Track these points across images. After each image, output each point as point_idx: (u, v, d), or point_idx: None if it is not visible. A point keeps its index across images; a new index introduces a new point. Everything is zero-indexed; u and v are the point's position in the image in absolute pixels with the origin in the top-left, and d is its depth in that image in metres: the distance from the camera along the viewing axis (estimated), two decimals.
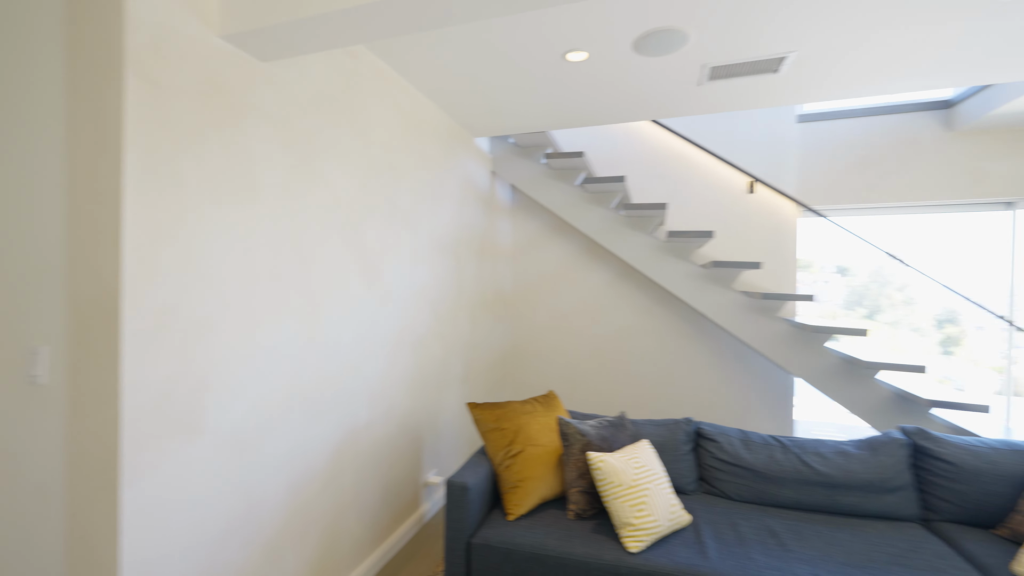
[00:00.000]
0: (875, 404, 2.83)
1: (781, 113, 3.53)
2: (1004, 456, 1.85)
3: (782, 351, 3.02)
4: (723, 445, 2.12)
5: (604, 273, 3.92)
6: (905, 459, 1.94)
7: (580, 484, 1.89)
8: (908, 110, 3.35)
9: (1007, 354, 3.27)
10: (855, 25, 1.90)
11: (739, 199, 3.63)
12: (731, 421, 3.65)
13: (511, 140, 3.61)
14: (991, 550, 1.66)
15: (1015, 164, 3.16)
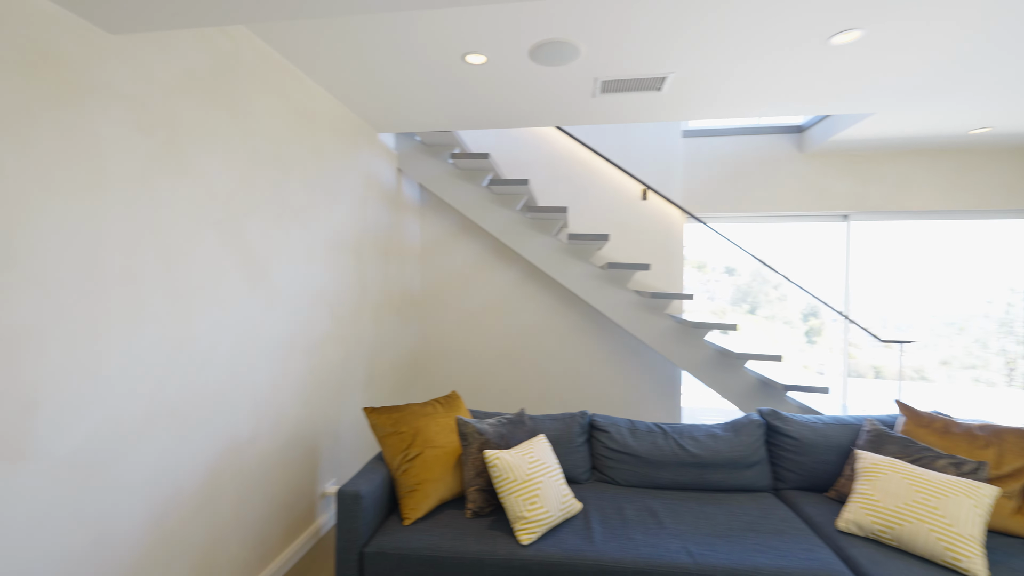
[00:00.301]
0: (744, 390, 3.21)
1: (669, 128, 3.86)
2: (834, 430, 2.20)
3: (669, 345, 3.30)
4: (613, 435, 2.28)
5: (511, 273, 4.00)
6: (761, 438, 2.22)
7: (478, 482, 1.91)
8: (771, 132, 3.83)
9: (844, 343, 3.87)
10: (722, 55, 2.13)
11: (634, 205, 3.91)
12: (628, 411, 3.92)
13: (417, 138, 3.55)
14: (823, 510, 1.96)
15: (849, 183, 3.75)
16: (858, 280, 4.04)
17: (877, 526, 1.71)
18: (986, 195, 3.62)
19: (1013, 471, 1.84)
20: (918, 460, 1.92)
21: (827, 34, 1.93)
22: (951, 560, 1.55)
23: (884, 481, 1.79)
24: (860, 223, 3.85)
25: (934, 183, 3.68)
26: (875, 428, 2.10)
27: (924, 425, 2.06)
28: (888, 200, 3.72)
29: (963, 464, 1.85)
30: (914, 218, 3.80)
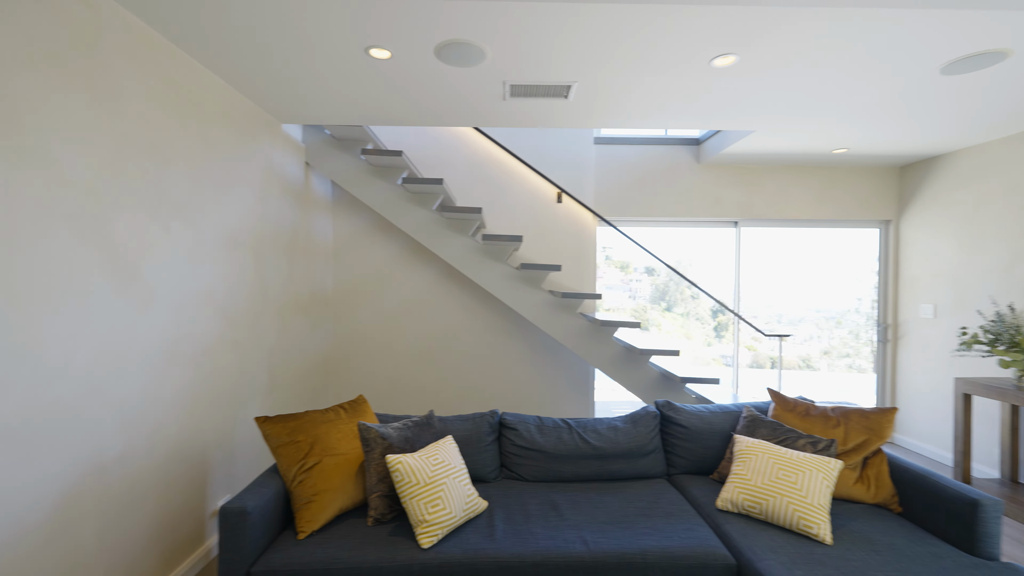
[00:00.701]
0: (648, 383, 3.42)
1: (582, 135, 4.02)
2: (718, 417, 2.42)
3: (580, 343, 3.44)
4: (522, 432, 2.33)
5: (429, 273, 3.95)
6: (656, 428, 2.39)
7: (380, 489, 1.86)
8: (672, 143, 4.13)
9: (736, 337, 4.27)
10: (620, 69, 2.25)
11: (549, 208, 4.02)
12: (545, 408, 4.03)
13: (327, 132, 3.39)
14: (706, 491, 2.15)
15: (738, 193, 4.14)
16: (751, 280, 4.48)
17: (748, 502, 1.91)
18: (847, 207, 4.18)
19: (856, 446, 2.14)
20: (783, 441, 2.17)
21: (708, 57, 2.12)
22: (804, 527, 1.77)
23: (755, 462, 2.00)
24: (748, 229, 4.27)
25: (805, 195, 4.17)
26: (751, 414, 2.34)
27: (790, 410, 2.33)
28: (769, 209, 4.16)
29: (818, 442, 2.11)
30: (791, 225, 4.28)
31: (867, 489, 2.05)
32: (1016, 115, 2.88)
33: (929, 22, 1.85)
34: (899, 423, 4.17)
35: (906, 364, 4.08)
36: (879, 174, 4.17)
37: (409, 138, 3.96)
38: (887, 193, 4.18)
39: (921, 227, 3.95)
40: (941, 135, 3.27)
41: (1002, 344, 2.91)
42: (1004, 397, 2.86)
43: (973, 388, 3.04)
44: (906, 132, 3.20)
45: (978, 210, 3.46)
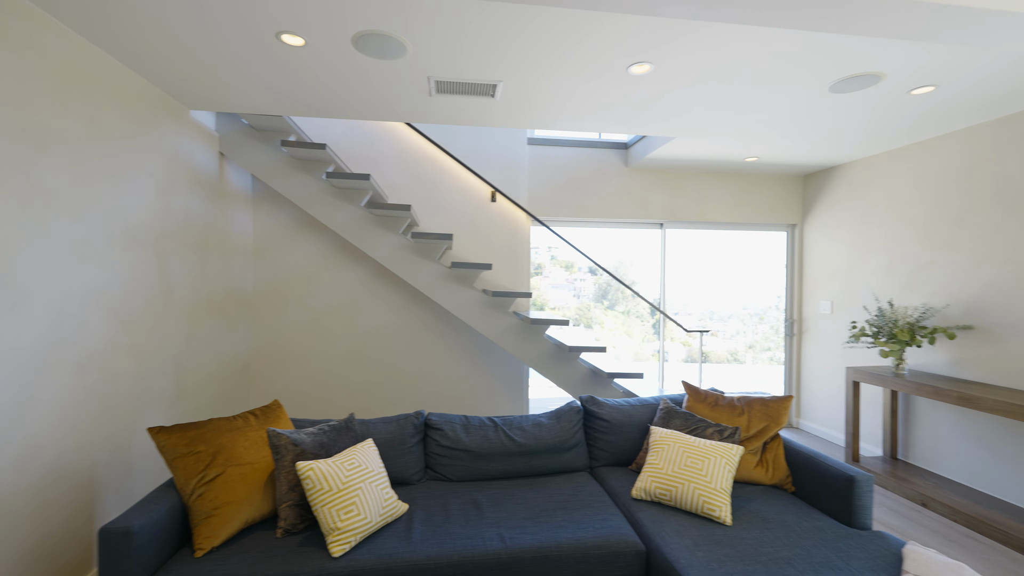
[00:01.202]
0: (578, 380, 3.51)
1: (515, 134, 4.05)
2: (638, 410, 2.52)
3: (513, 342, 3.47)
4: (447, 432, 2.30)
5: (359, 271, 3.82)
6: (579, 422, 2.45)
7: (291, 498, 1.77)
8: (603, 147, 4.26)
9: (661, 333, 4.49)
10: (544, 72, 2.28)
11: (484, 206, 4.02)
12: (480, 406, 4.02)
13: (244, 121, 3.18)
14: (624, 482, 2.23)
15: (664, 196, 4.35)
16: (680, 279, 4.73)
17: (660, 490, 2.01)
18: (760, 211, 4.51)
19: (757, 432, 2.31)
20: (694, 430, 2.30)
21: (625, 64, 2.20)
22: (708, 511, 1.89)
23: (667, 451, 2.11)
24: (673, 230, 4.50)
25: (724, 199, 4.46)
26: (667, 406, 2.46)
27: (701, 400, 2.48)
28: (692, 212, 4.40)
29: (724, 430, 2.26)
30: (711, 228, 4.56)
31: (766, 472, 2.22)
32: (894, 132, 3.24)
33: (816, 44, 2.03)
34: (802, 409, 4.57)
35: (809, 356, 4.47)
36: (786, 182, 4.54)
37: (337, 131, 3.81)
38: (793, 199, 4.56)
39: (821, 231, 4.35)
40: (834, 148, 3.61)
41: (883, 336, 3.26)
42: (885, 383, 3.21)
43: (861, 376, 3.39)
44: (805, 144, 3.50)
45: (866, 216, 3.86)
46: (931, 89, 2.50)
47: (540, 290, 6.68)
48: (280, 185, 3.24)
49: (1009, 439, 2.86)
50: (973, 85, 2.47)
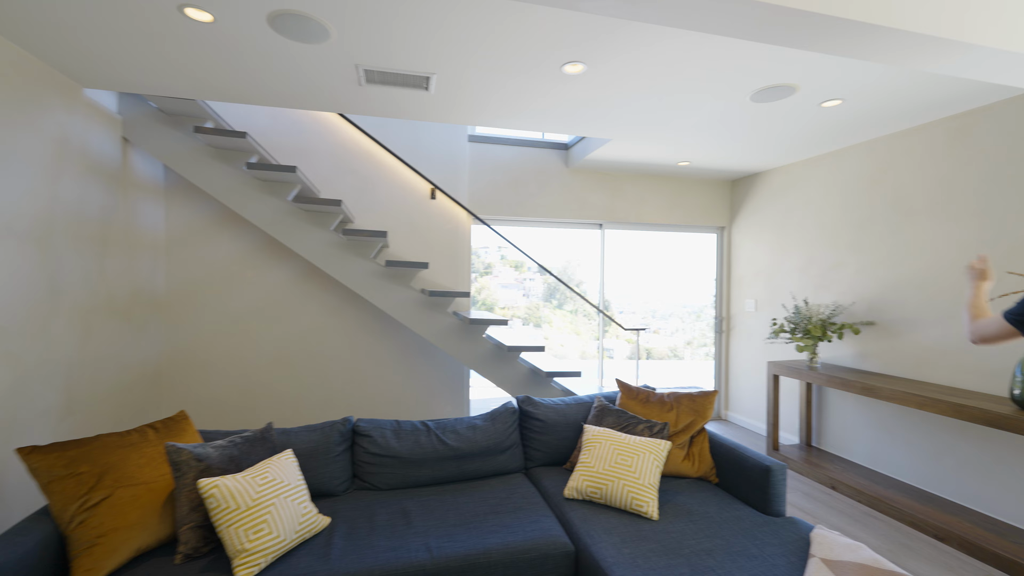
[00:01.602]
0: (518, 379, 3.50)
1: (455, 131, 3.98)
2: (573, 409, 2.54)
3: (452, 342, 3.39)
4: (376, 439, 2.20)
5: (287, 270, 3.60)
6: (514, 424, 2.43)
7: (193, 519, 1.61)
8: (544, 146, 4.28)
9: (600, 331, 4.58)
10: (478, 66, 2.23)
11: (423, 204, 3.92)
12: (419, 410, 3.91)
13: (152, 104, 2.89)
14: (558, 482, 2.23)
15: (603, 197, 4.44)
16: (622, 278, 4.84)
17: (591, 488, 2.02)
18: (693, 214, 4.71)
19: (685, 427, 2.39)
20: (626, 427, 2.34)
21: (558, 62, 2.20)
22: (636, 507, 1.92)
23: (598, 449, 2.12)
24: (612, 231, 4.60)
25: (660, 201, 4.62)
26: (601, 404, 2.49)
27: (633, 397, 2.53)
28: (630, 213, 4.52)
29: (654, 426, 2.32)
30: (648, 229, 4.71)
31: (692, 465, 2.30)
32: (808, 143, 3.48)
33: (738, 53, 2.12)
34: (730, 402, 4.83)
35: (736, 351, 4.73)
36: (716, 186, 4.77)
37: (262, 120, 3.56)
38: (722, 203, 4.80)
39: (746, 233, 4.61)
40: (758, 156, 3.83)
41: (799, 332, 3.50)
42: (801, 376, 3.44)
43: (780, 370, 3.62)
44: (732, 151, 3.69)
45: (785, 220, 4.13)
46: (839, 103, 2.69)
47: (490, 290, 6.63)
48: (195, 176, 2.98)
49: (904, 424, 3.16)
50: (875, 101, 2.69)
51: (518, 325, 7.40)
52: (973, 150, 2.80)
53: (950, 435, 2.89)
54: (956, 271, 2.88)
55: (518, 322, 7.25)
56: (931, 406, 2.59)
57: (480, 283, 6.72)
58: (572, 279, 9.67)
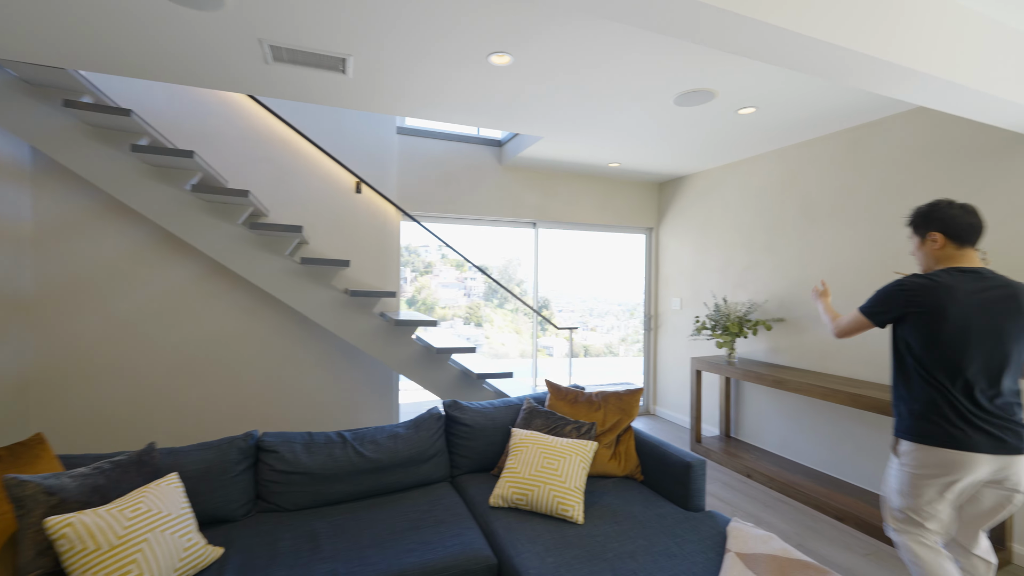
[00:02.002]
0: (449, 382, 3.37)
1: (383, 122, 3.77)
2: (501, 412, 2.46)
3: (378, 345, 3.20)
4: (284, 455, 1.99)
5: (190, 268, 3.23)
6: (440, 430, 2.31)
7: (41, 565, 1.34)
8: (477, 142, 4.18)
9: (533, 330, 4.56)
10: (399, 50, 2.09)
11: (347, 197, 3.68)
12: (343, 418, 3.67)
13: (12, 72, 2.45)
14: (484, 489, 2.14)
15: (536, 196, 4.42)
16: (560, 277, 4.85)
17: (516, 495, 1.95)
18: (623, 214, 4.82)
19: (612, 425, 2.39)
20: (554, 429, 2.30)
21: (485, 52, 2.10)
22: (561, 512, 1.87)
23: (525, 453, 2.06)
24: (545, 230, 4.59)
25: (592, 201, 4.68)
26: (530, 406, 2.43)
27: (562, 398, 2.50)
28: (563, 212, 4.54)
29: (582, 427, 2.30)
30: (581, 228, 4.75)
31: (619, 464, 2.30)
32: (727, 147, 3.65)
33: (661, 56, 2.13)
34: (658, 397, 5.00)
35: (664, 348, 4.90)
36: (645, 188, 4.92)
37: (158, 98, 3.16)
38: (650, 205, 4.96)
39: (672, 235, 4.79)
40: (682, 159, 3.97)
41: (719, 329, 3.67)
42: (720, 371, 3.61)
43: (702, 365, 3.78)
44: (659, 153, 3.79)
45: (706, 223, 4.33)
46: (753, 110, 2.83)
47: (430, 289, 6.46)
48: (69, 158, 2.57)
49: (809, 413, 3.40)
50: (784, 109, 2.85)
51: (459, 325, 7.31)
52: (867, 161, 3.05)
53: (849, 422, 3.14)
54: (852, 272, 3.13)
55: (459, 322, 7.15)
56: (832, 396, 2.79)
57: (420, 282, 6.52)
58: (513, 278, 9.67)
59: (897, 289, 1.60)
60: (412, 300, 8.56)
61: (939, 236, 1.62)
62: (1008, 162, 2.42)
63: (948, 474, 1.50)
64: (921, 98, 1.93)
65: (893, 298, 1.61)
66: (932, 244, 1.64)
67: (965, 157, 2.59)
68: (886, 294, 1.63)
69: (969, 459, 1.48)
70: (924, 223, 1.66)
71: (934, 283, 1.55)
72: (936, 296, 1.53)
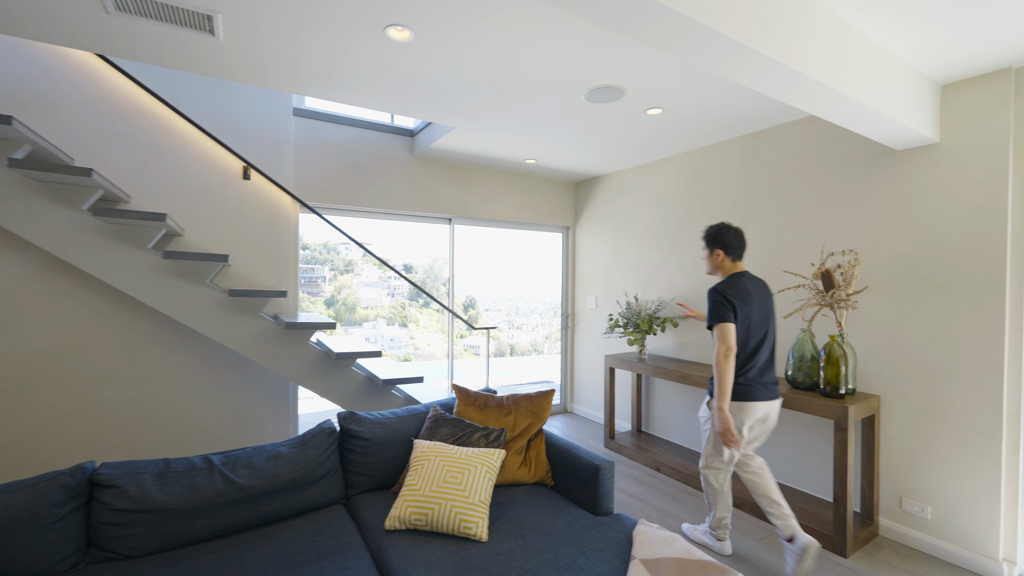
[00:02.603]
0: (353, 390, 3.08)
1: (277, 100, 3.38)
2: (404, 422, 2.25)
3: (268, 352, 2.83)
4: (126, 489, 1.63)
5: (20, 263, 2.63)
6: (332, 446, 2.05)
7: None
8: (388, 131, 3.90)
9: (449, 330, 4.37)
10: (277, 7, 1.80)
11: (233, 184, 3.24)
12: (228, 436, 3.23)
13: None
14: (381, 510, 1.93)
15: (452, 191, 4.24)
16: (483, 276, 4.69)
17: (415, 516, 1.76)
18: (541, 212, 4.79)
19: (523, 430, 2.28)
20: (461, 438, 2.14)
21: (381, 23, 1.89)
22: (464, 530, 1.72)
23: (427, 468, 1.88)
24: (462, 226, 4.42)
25: (510, 199, 4.59)
26: (436, 414, 2.25)
27: (472, 403, 2.35)
28: (480, 208, 4.40)
29: (491, 434, 2.16)
30: (499, 226, 4.65)
31: (529, 471, 2.20)
32: (637, 149, 3.73)
33: (568, 46, 2.06)
34: (575, 395, 5.05)
35: (580, 346, 4.95)
36: (562, 187, 4.93)
37: None
38: (567, 203, 4.98)
39: (588, 234, 4.84)
40: (595, 158, 4.01)
41: (631, 327, 3.74)
42: (632, 368, 3.68)
43: (615, 362, 3.83)
44: (572, 151, 3.78)
45: (619, 223, 4.43)
46: (660, 111, 2.88)
47: (351, 288, 6.06)
48: None
49: None
50: (689, 112, 2.93)
51: (383, 325, 6.93)
52: (760, 167, 3.25)
53: None
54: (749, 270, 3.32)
55: (383, 322, 6.79)
56: None
57: (341, 281, 6.10)
58: (439, 277, 9.37)
59: (721, 295, 2.19)
60: (332, 300, 7.96)
61: (721, 252, 2.32)
62: (876, 170, 2.68)
63: (750, 417, 2.21)
64: (810, 105, 2.03)
65: (725, 301, 2.18)
66: (716, 257, 2.33)
67: (840, 165, 2.83)
68: (720, 300, 2.18)
69: (758, 406, 2.21)
70: (713, 242, 2.34)
71: (734, 285, 2.22)
72: (740, 292, 2.19)
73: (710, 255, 2.35)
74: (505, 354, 9.33)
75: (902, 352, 2.56)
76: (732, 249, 2.30)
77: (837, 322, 2.59)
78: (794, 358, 2.72)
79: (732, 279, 2.23)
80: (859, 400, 2.49)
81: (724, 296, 2.17)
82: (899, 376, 2.57)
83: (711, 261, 2.36)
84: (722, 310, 2.16)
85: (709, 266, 2.38)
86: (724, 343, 2.12)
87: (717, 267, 2.34)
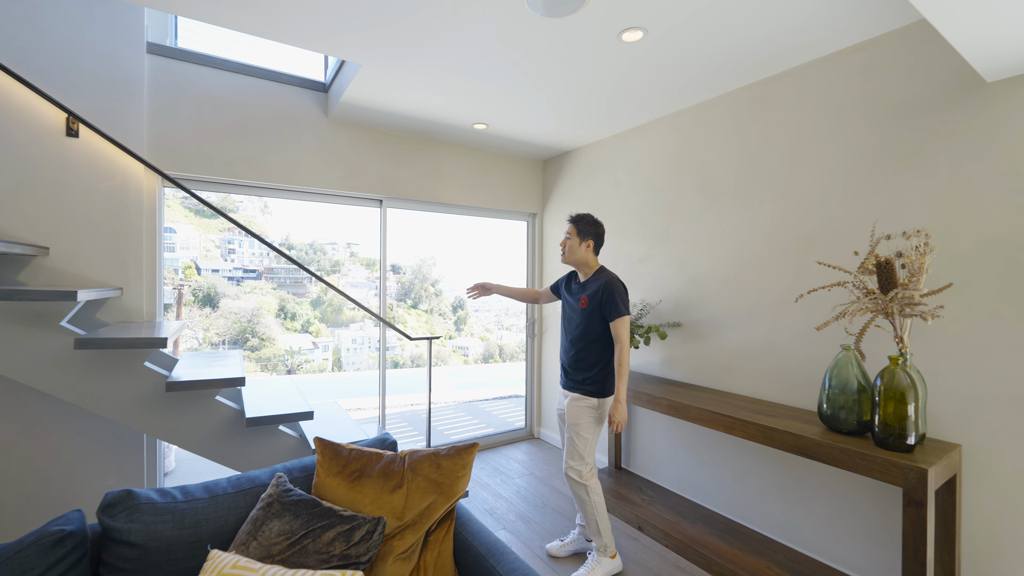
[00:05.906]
0: (214, 432, 2.18)
1: (122, 29, 2.46)
2: (221, 506, 1.36)
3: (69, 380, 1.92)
4: None
5: None
6: (69, 566, 1.15)
7: None
8: (290, 82, 3.00)
9: (382, 339, 3.48)
10: None
11: (51, 142, 2.31)
12: (46, 495, 2.30)
13: None
14: None
15: (382, 164, 3.35)
16: (460, 271, 3.80)
17: None
18: (500, 196, 3.92)
19: (418, 516, 1.41)
20: (304, 537, 1.27)
21: None
22: None
23: None
24: (395, 211, 3.52)
25: (460, 178, 3.71)
26: (277, 490, 1.37)
27: (340, 471, 1.47)
28: (420, 189, 3.52)
29: (356, 529, 1.29)
30: (445, 211, 3.76)
31: None
32: (614, 105, 2.89)
33: None
34: (543, 418, 4.19)
35: (550, 359, 4.09)
36: (526, 165, 4.07)
37: None
38: (534, 187, 4.12)
39: (558, 223, 3.99)
40: (563, 122, 3.15)
41: None
42: None
43: None
44: (532, 111, 2.93)
45: (594, 206, 3.58)
46: (640, 35, 2.03)
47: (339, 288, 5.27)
48: None
49: (709, 444, 2.74)
50: (682, 38, 2.09)
51: (370, 327, 6.23)
52: (776, 125, 2.43)
53: (754, 456, 2.50)
54: (758, 264, 2.50)
55: (370, 323, 6.22)
56: (740, 429, 2.09)
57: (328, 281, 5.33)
58: (428, 277, 8.43)
59: (623, 286, 2.19)
60: (318, 301, 7.05)
61: (591, 243, 2.26)
62: (950, 116, 1.86)
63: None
64: None
65: (626, 292, 2.19)
66: (587, 247, 2.26)
67: (893, 114, 2.01)
68: (625, 292, 2.18)
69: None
70: (586, 232, 2.25)
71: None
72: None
73: (580, 242, 2.25)
74: (494, 356, 8.42)
75: (993, 381, 1.74)
76: (599, 245, 2.29)
77: (897, 336, 1.76)
78: (830, 387, 1.90)
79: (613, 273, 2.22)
80: (936, 454, 1.66)
81: (625, 289, 2.19)
82: (989, 416, 1.75)
83: (577, 249, 2.25)
84: (627, 302, 2.16)
85: (569, 253, 2.27)
86: (627, 335, 2.11)
87: (581, 258, 2.26)
